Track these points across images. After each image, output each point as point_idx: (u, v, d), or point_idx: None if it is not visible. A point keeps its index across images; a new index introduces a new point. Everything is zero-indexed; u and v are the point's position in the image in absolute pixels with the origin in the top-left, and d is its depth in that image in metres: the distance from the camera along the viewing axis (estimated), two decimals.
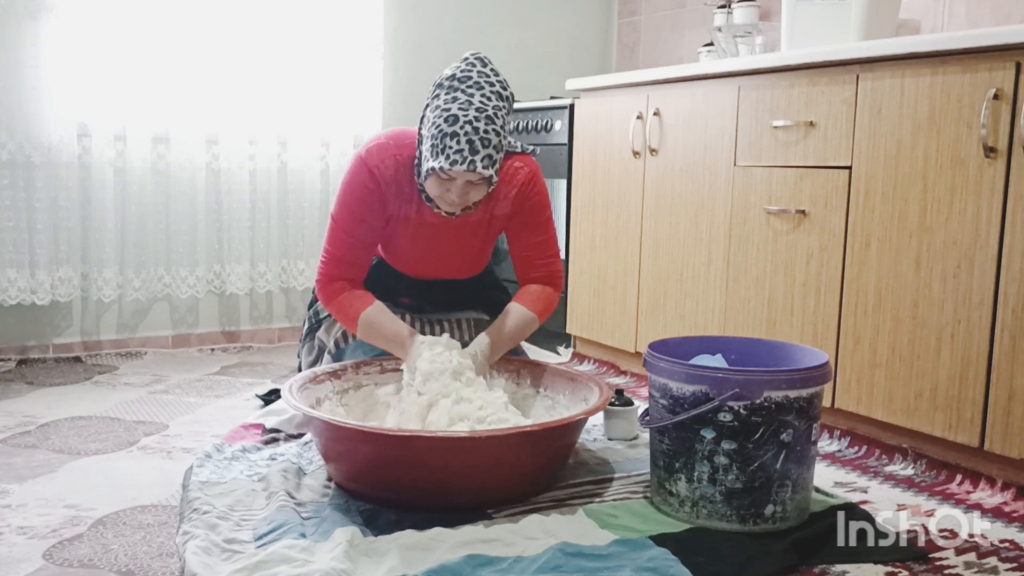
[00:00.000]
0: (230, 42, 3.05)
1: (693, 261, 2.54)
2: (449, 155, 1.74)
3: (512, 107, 1.84)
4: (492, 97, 1.78)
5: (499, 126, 1.77)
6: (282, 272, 3.26)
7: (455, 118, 1.74)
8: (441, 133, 1.75)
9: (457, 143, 1.73)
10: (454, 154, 1.74)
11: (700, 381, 1.55)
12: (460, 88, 1.77)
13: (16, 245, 2.79)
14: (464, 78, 1.78)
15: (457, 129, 1.73)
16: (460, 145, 1.73)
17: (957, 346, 1.86)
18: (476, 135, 1.74)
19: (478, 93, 1.77)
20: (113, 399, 2.46)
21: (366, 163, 1.92)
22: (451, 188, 1.81)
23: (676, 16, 3.57)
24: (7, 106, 2.74)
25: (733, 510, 1.57)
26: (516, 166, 2.01)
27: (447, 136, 1.74)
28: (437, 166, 1.76)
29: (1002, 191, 1.76)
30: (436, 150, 1.76)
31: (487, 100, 1.77)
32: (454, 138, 1.73)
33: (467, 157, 1.74)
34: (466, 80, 1.78)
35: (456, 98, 1.76)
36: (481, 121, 1.74)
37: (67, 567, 1.44)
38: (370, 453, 1.64)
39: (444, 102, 1.77)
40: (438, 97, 1.79)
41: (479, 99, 1.76)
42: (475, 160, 1.74)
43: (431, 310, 2.18)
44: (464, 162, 1.74)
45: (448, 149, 1.74)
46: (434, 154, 1.76)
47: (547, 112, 3.18)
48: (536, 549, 1.45)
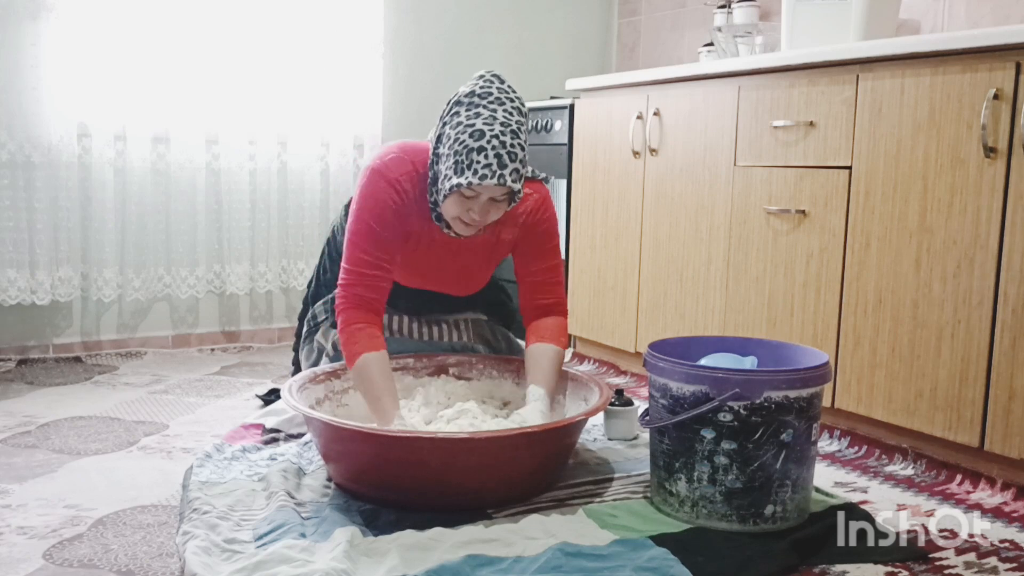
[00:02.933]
0: (230, 42, 3.05)
1: (693, 261, 2.54)
2: (477, 170, 1.71)
3: (528, 125, 1.82)
4: (514, 113, 1.76)
5: (523, 141, 1.76)
6: (282, 272, 3.26)
7: (481, 133, 1.71)
8: (467, 149, 1.72)
9: (485, 157, 1.71)
10: (483, 168, 1.71)
11: (700, 381, 1.55)
12: (482, 104, 1.74)
13: (16, 245, 2.79)
14: (484, 94, 1.76)
15: (484, 144, 1.71)
16: (488, 159, 1.71)
17: (957, 346, 1.86)
18: (504, 149, 1.71)
19: (500, 108, 1.74)
20: (113, 399, 2.46)
21: (385, 176, 1.86)
22: (473, 207, 1.77)
23: (676, 16, 3.57)
24: (7, 106, 2.74)
25: (733, 510, 1.57)
26: (526, 191, 1.98)
27: (473, 151, 1.71)
28: (465, 182, 1.72)
29: (1002, 191, 1.76)
30: (462, 166, 1.72)
31: (510, 115, 1.75)
32: (481, 152, 1.71)
33: (496, 171, 1.71)
34: (487, 96, 1.76)
35: (479, 113, 1.73)
36: (507, 135, 1.72)
37: (67, 567, 1.44)
38: (370, 453, 1.64)
39: (467, 118, 1.74)
40: (458, 114, 1.76)
41: (503, 114, 1.74)
42: (504, 174, 1.71)
43: (428, 311, 2.18)
44: (493, 176, 1.71)
45: (476, 164, 1.71)
46: (459, 171, 1.73)
47: (547, 112, 3.18)
48: (536, 549, 1.45)
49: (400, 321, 2.15)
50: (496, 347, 2.22)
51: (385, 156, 1.90)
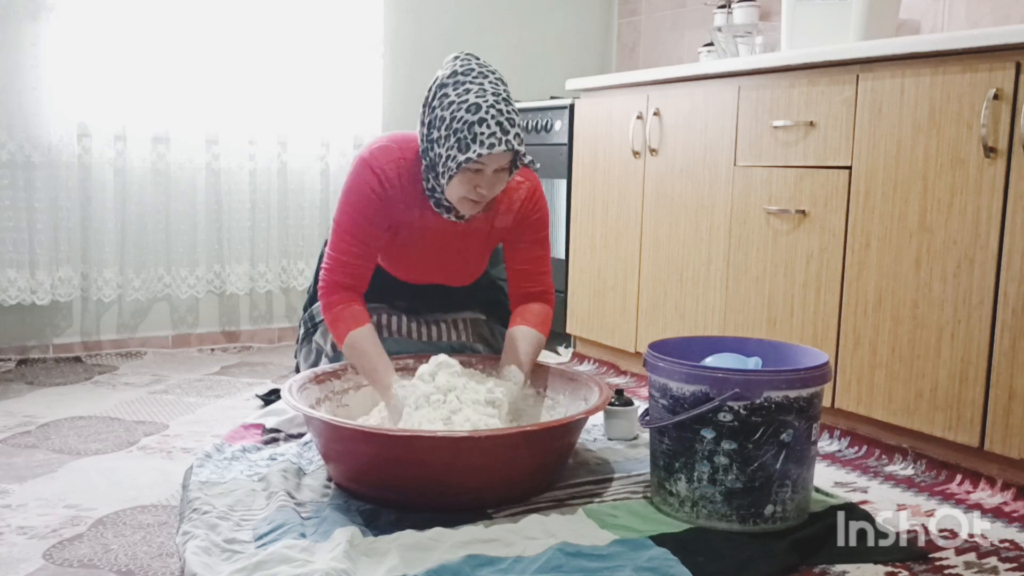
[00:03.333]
0: (230, 42, 3.05)
1: (693, 261, 2.54)
2: (483, 140, 1.73)
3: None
4: (499, 83, 1.80)
5: (515, 108, 1.79)
6: (282, 272, 3.26)
7: (477, 106, 1.74)
8: (467, 124, 1.74)
9: (488, 127, 1.73)
10: (488, 138, 1.73)
11: (700, 381, 1.55)
12: (468, 80, 1.77)
13: (16, 245, 2.79)
14: (467, 71, 1.79)
15: (484, 115, 1.73)
16: (492, 128, 1.73)
17: (957, 346, 1.86)
18: (503, 116, 1.74)
19: (486, 81, 1.78)
20: (113, 399, 2.46)
21: (370, 166, 1.90)
22: (480, 181, 1.80)
23: (676, 16, 3.57)
24: (7, 106, 2.74)
25: (733, 510, 1.57)
26: (517, 180, 2.00)
27: (475, 124, 1.73)
28: (474, 155, 1.73)
29: (1002, 191, 1.76)
30: (466, 141, 1.74)
31: (497, 86, 1.79)
32: (483, 124, 1.73)
33: (502, 137, 1.73)
34: (470, 72, 1.78)
35: (469, 88, 1.76)
36: (501, 103, 1.76)
37: (67, 567, 1.44)
38: (370, 453, 1.64)
39: (458, 95, 1.76)
40: (447, 95, 1.78)
41: (490, 85, 1.77)
42: (509, 139, 1.74)
43: (427, 311, 2.18)
44: (500, 142, 1.73)
45: (480, 135, 1.73)
46: (463, 147, 1.74)
47: (547, 112, 3.18)
48: (536, 549, 1.45)
49: (400, 321, 2.15)
50: (495, 346, 2.22)
51: (373, 146, 1.94)
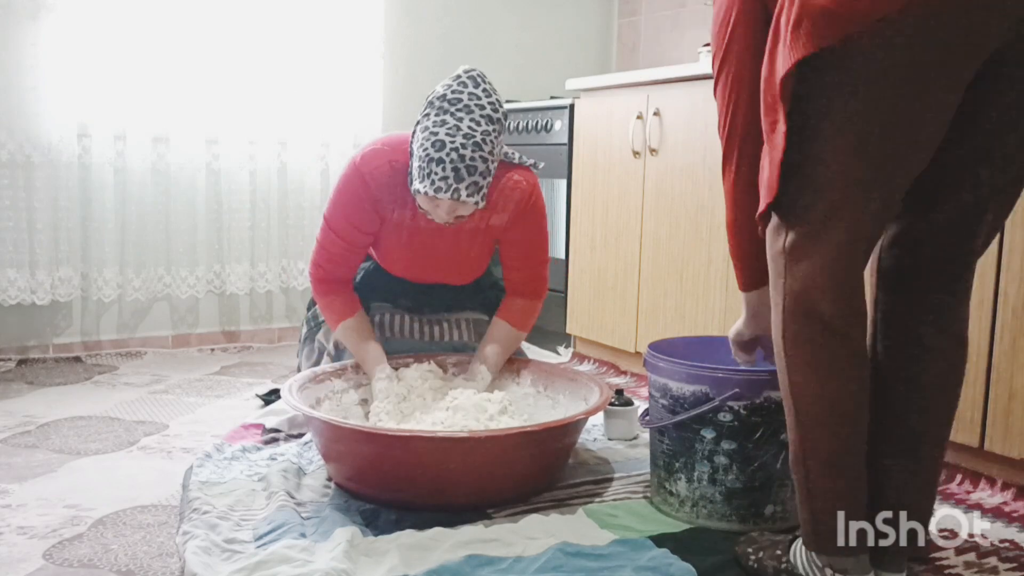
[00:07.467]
0: (230, 42, 3.04)
1: (693, 261, 2.54)
2: (434, 181, 1.73)
3: (504, 128, 1.82)
4: (482, 121, 1.75)
5: (487, 152, 1.75)
6: (282, 272, 3.26)
7: (442, 144, 1.72)
8: (428, 157, 1.73)
9: (443, 170, 1.72)
10: (439, 180, 1.73)
11: (700, 381, 1.55)
12: (449, 111, 1.75)
13: (16, 245, 2.79)
14: (454, 100, 1.76)
15: (444, 155, 1.72)
16: (445, 172, 1.72)
17: None
18: (462, 163, 1.72)
19: (467, 117, 1.74)
20: (113, 399, 2.46)
21: (359, 169, 1.92)
22: (439, 207, 1.80)
23: (676, 16, 3.57)
24: (7, 106, 2.74)
25: (733, 510, 1.57)
26: (515, 179, 1.99)
27: (433, 161, 1.73)
28: (423, 190, 1.76)
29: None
30: (423, 173, 1.75)
31: (476, 125, 1.74)
32: (440, 164, 1.72)
33: (452, 185, 1.73)
34: (456, 103, 1.75)
35: (444, 121, 1.74)
36: (468, 148, 1.72)
37: (67, 567, 1.44)
38: (370, 453, 1.64)
39: (433, 124, 1.75)
40: (428, 117, 1.77)
41: (467, 124, 1.74)
42: (459, 188, 1.73)
43: (429, 311, 2.18)
44: (448, 190, 1.73)
45: (433, 175, 1.73)
46: (420, 177, 1.76)
47: (547, 112, 3.18)
48: (536, 549, 1.45)
49: (400, 321, 2.15)
50: None
51: (365, 148, 1.96)
